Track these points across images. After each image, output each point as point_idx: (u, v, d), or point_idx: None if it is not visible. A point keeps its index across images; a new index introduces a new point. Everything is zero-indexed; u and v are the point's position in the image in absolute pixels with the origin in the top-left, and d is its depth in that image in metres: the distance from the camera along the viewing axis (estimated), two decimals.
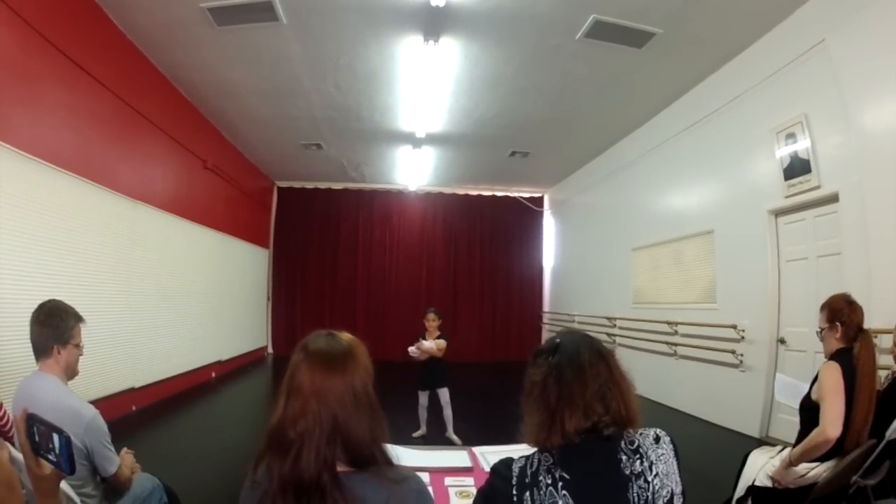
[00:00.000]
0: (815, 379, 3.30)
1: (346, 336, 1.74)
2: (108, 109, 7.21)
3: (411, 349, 6.93)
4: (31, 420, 1.59)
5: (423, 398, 7.18)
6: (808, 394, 3.31)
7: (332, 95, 9.65)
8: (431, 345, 6.93)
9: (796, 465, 3.20)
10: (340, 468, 1.52)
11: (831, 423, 3.04)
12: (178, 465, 5.31)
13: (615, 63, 7.95)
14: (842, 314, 3.37)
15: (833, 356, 3.32)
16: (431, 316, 7.22)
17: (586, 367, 1.72)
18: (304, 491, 1.46)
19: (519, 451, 1.86)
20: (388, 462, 1.61)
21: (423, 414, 7.17)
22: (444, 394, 7.11)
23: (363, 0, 6.69)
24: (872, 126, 5.33)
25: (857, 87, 5.51)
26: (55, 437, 1.56)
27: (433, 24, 7.15)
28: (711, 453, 4.30)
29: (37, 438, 1.59)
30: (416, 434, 7.02)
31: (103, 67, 6.94)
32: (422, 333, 7.23)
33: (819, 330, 3.52)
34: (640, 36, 7.10)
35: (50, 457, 1.58)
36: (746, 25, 6.89)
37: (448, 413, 7.09)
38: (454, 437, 6.91)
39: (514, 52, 7.85)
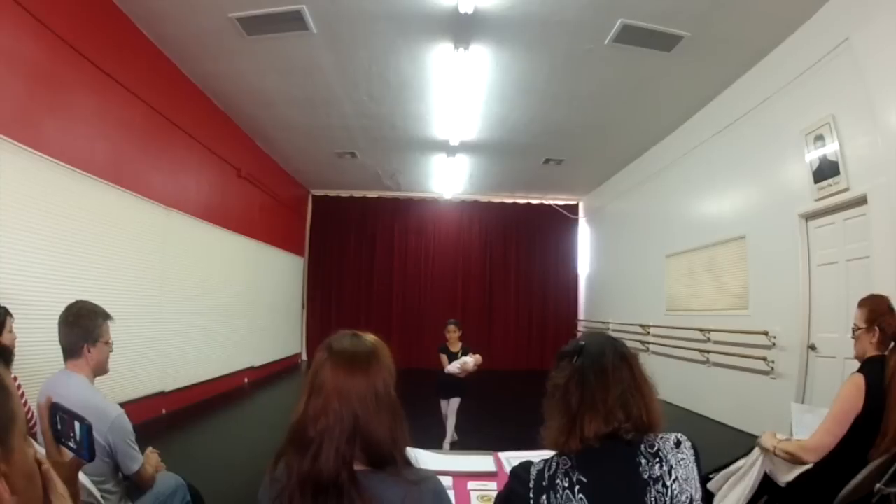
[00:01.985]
0: None
1: (370, 337, 1.76)
2: (139, 118, 7.37)
3: (452, 368, 6.87)
4: (55, 409, 1.64)
5: (445, 407, 7.16)
6: None
7: (366, 104, 9.74)
8: (472, 362, 6.89)
9: (777, 454, 3.21)
10: (358, 467, 1.53)
11: (814, 450, 3.02)
12: (207, 468, 5.37)
13: (645, 67, 7.92)
14: (883, 319, 3.21)
15: (862, 366, 3.21)
16: (452, 327, 7.23)
17: (609, 371, 1.71)
18: (322, 489, 1.47)
19: (545, 456, 1.86)
20: (406, 463, 1.62)
21: (451, 422, 7.13)
22: (455, 402, 7.09)
23: (391, 8, 6.74)
24: None
25: (882, 85, 5.39)
26: (77, 424, 1.60)
27: (463, 32, 7.18)
28: None
29: (59, 427, 1.64)
30: (446, 442, 6.96)
31: (134, 77, 7.11)
32: (441, 346, 7.25)
33: (854, 328, 3.36)
34: (668, 39, 7.07)
35: (71, 444, 1.63)
36: (772, 26, 6.82)
37: (452, 421, 7.05)
38: (446, 446, 6.82)
39: (544, 58, 7.86)
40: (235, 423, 8.40)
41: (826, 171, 6.27)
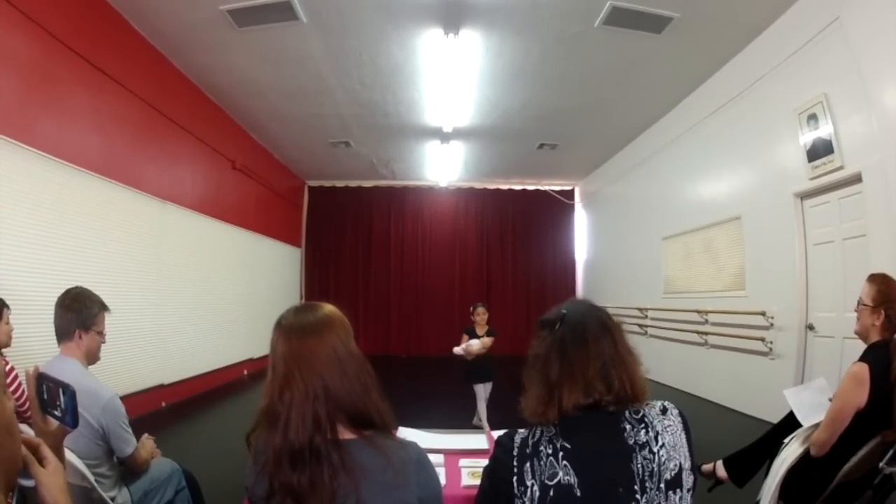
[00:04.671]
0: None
1: (322, 305, 1.77)
2: (133, 112, 7.38)
3: (458, 349, 6.89)
4: (41, 379, 1.65)
5: (480, 390, 7.13)
6: None
7: (358, 92, 9.71)
8: (478, 345, 6.88)
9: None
10: (344, 436, 1.55)
11: (820, 445, 3.01)
12: (206, 458, 5.34)
13: (636, 49, 7.87)
14: (891, 305, 3.12)
15: (866, 354, 3.12)
16: (481, 310, 7.24)
17: (591, 341, 1.68)
18: (299, 457, 1.48)
19: None
20: (386, 425, 1.64)
21: (482, 407, 7.09)
22: (488, 387, 7.14)
23: None
24: (892, 102, 5.19)
25: (874, 63, 5.36)
26: (61, 392, 1.61)
27: (452, 16, 7.16)
28: (741, 444, 4.23)
29: (45, 396, 1.65)
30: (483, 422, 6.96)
31: (126, 72, 7.12)
32: (468, 327, 7.25)
33: (859, 301, 3.26)
34: (657, 21, 7.02)
35: (56, 413, 1.64)
36: (762, 6, 6.77)
37: (484, 409, 7.08)
38: (485, 424, 6.86)
39: (534, 41, 7.82)
40: (235, 415, 8.38)
41: (820, 149, 6.25)
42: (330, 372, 1.56)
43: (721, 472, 3.81)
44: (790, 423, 3.61)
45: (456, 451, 3.06)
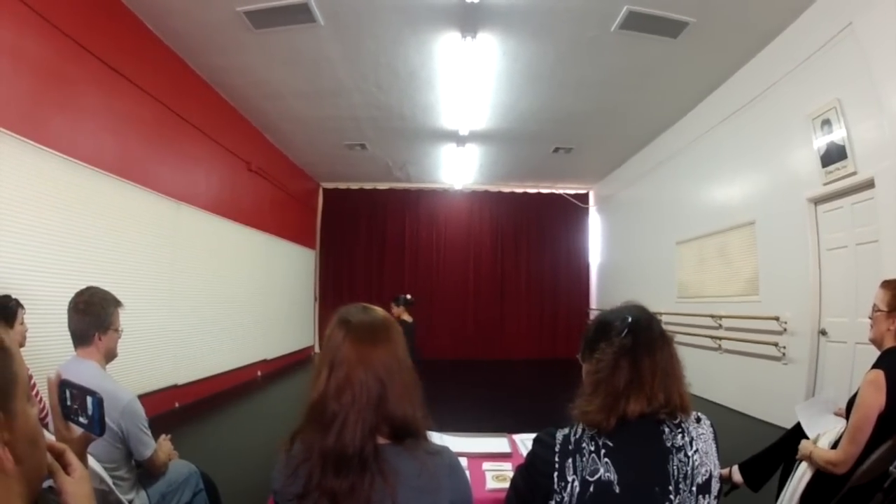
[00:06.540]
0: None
1: (378, 308, 1.77)
2: (148, 113, 7.42)
3: None
4: (64, 385, 1.61)
5: None
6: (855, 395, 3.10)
7: (374, 95, 9.74)
8: None
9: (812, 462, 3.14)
10: (380, 441, 1.55)
11: (844, 462, 2.92)
12: (220, 458, 5.37)
13: (652, 54, 7.88)
14: None
15: (881, 359, 3.08)
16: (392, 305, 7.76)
17: (658, 352, 1.72)
18: (346, 463, 1.47)
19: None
20: (423, 435, 1.64)
21: None
22: None
23: None
24: None
25: (886, 69, 5.37)
26: (88, 399, 1.56)
27: (469, 20, 7.19)
28: (754, 448, 4.20)
29: (68, 403, 1.60)
30: None
31: (142, 73, 7.17)
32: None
33: (874, 308, 3.22)
34: (674, 25, 7.04)
35: (81, 419, 1.59)
36: (776, 11, 6.78)
37: None
38: None
39: (551, 45, 7.84)
40: (249, 416, 8.42)
41: (833, 155, 6.24)
42: (390, 380, 1.56)
43: (737, 476, 3.80)
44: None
45: (479, 455, 3.06)
